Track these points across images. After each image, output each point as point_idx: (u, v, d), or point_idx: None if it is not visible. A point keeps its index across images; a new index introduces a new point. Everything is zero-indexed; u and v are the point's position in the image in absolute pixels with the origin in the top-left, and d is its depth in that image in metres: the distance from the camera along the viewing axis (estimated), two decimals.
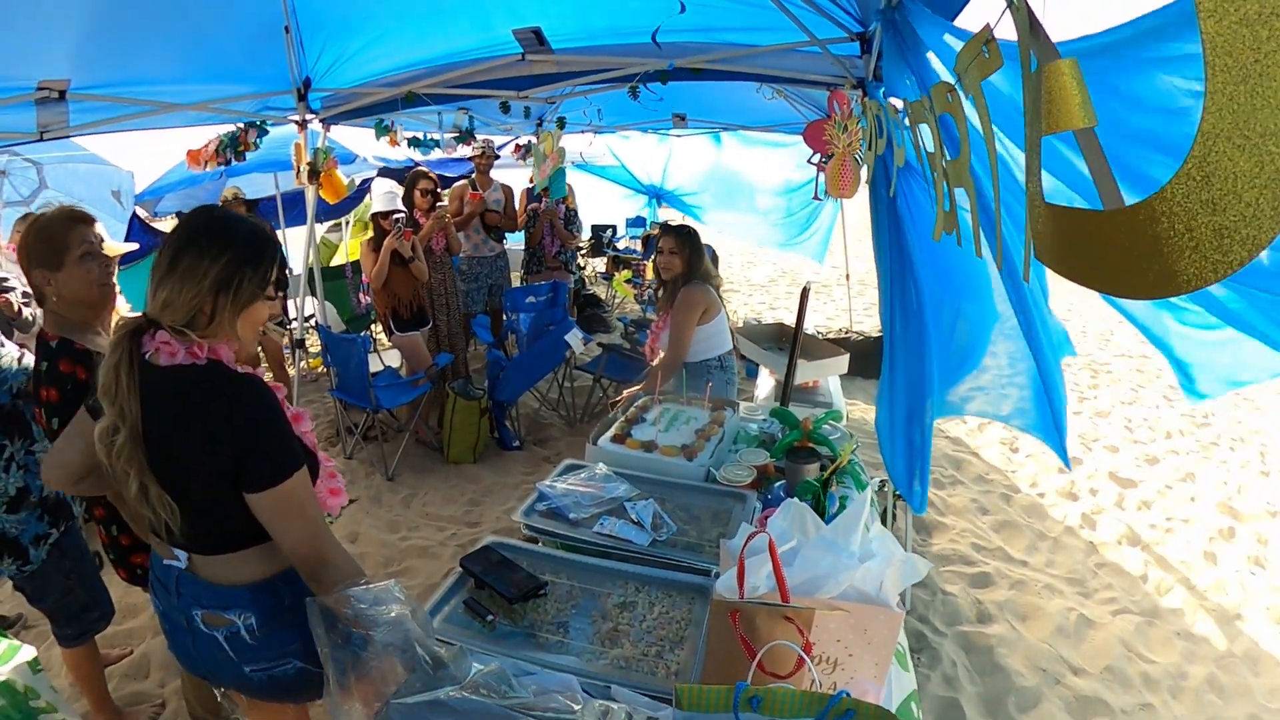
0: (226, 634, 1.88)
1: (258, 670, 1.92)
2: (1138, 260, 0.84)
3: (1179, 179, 0.74)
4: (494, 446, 6.12)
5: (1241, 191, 0.68)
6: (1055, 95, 0.97)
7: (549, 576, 2.19)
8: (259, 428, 1.73)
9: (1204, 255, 0.73)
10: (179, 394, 1.72)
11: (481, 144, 7.31)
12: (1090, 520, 5.06)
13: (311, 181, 5.38)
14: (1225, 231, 0.70)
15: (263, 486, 1.71)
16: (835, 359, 4.47)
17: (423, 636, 1.58)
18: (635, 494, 2.60)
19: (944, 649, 3.63)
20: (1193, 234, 0.74)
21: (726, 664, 1.48)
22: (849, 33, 3.47)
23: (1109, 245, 0.91)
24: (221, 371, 1.75)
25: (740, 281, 13.96)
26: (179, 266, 1.72)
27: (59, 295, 2.31)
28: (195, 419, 1.71)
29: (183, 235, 1.76)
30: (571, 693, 1.58)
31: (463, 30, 4.52)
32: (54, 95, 3.86)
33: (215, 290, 1.73)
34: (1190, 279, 0.75)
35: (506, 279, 7.62)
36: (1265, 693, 3.47)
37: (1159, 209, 0.78)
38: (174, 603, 1.94)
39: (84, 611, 2.88)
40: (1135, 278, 0.85)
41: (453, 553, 4.48)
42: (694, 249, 4.05)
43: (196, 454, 1.71)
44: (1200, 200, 0.72)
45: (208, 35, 4.22)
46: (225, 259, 1.73)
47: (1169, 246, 0.77)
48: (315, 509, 1.80)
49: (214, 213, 1.84)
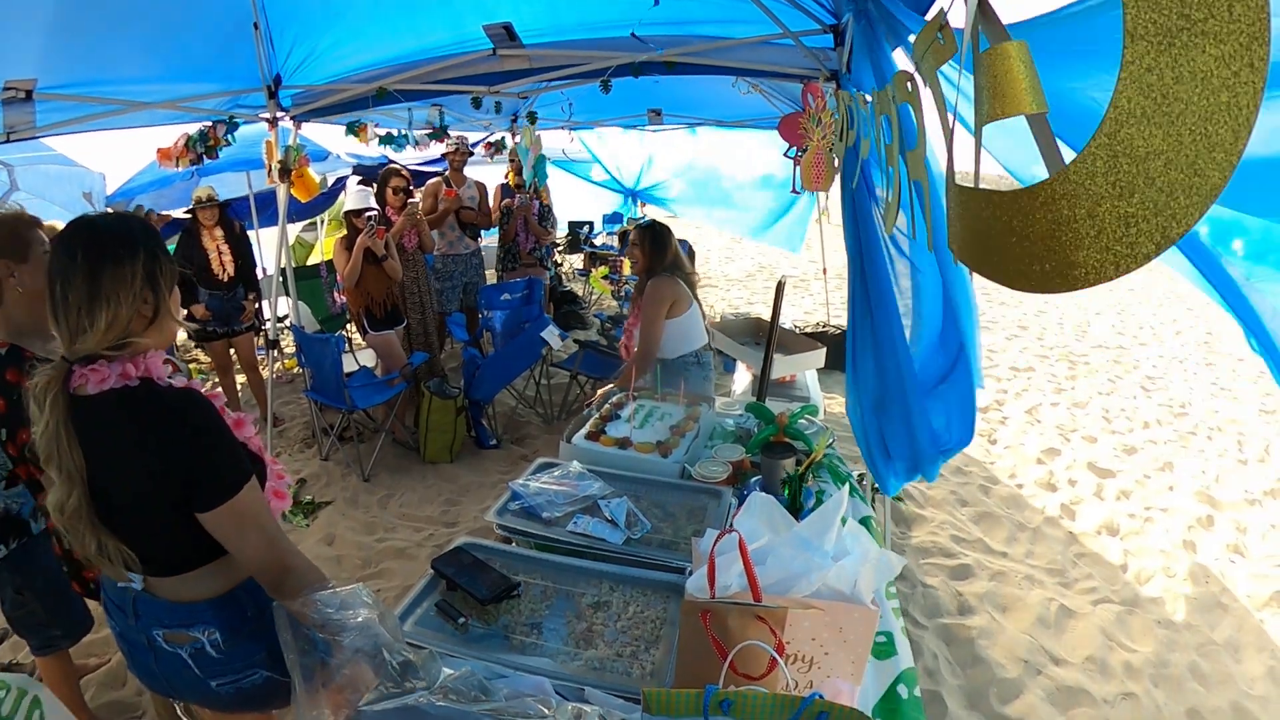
0: (191, 650, 1.83)
1: (224, 684, 1.87)
2: (1034, 248, 0.78)
3: (1084, 158, 0.68)
4: (471, 445, 6.07)
5: (1154, 175, 0.62)
6: (1001, 79, 0.90)
7: (522, 577, 2.16)
8: (204, 446, 1.67)
9: (1106, 246, 0.67)
10: (114, 424, 1.66)
11: (455, 141, 7.25)
12: (1069, 510, 5.07)
13: (283, 180, 5.32)
14: (1132, 220, 0.64)
15: (216, 503, 1.66)
16: (812, 353, 4.47)
17: (390, 641, 1.55)
18: (609, 492, 2.57)
19: (925, 641, 3.62)
20: (1095, 220, 0.68)
21: (699, 665, 1.46)
22: (822, 24, 3.46)
23: (1007, 231, 0.84)
24: (155, 391, 1.67)
25: (718, 276, 13.95)
26: (102, 283, 1.62)
27: (22, 287, 2.27)
28: (137, 450, 1.65)
29: (88, 255, 1.63)
30: (544, 696, 1.55)
31: (434, 26, 4.49)
32: (20, 95, 3.80)
33: (150, 285, 1.68)
34: (1088, 273, 0.69)
35: (482, 276, 7.57)
36: (1247, 680, 3.47)
37: (1059, 191, 0.71)
38: (132, 624, 1.87)
39: (43, 627, 2.78)
40: (1030, 267, 0.79)
41: (430, 553, 4.44)
42: (654, 242, 4.05)
43: (145, 484, 1.66)
44: (1106, 184, 0.66)
45: (176, 33, 4.17)
46: (140, 251, 1.66)
47: (1068, 234, 0.71)
48: (269, 518, 1.75)
49: (82, 225, 1.69)
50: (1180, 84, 0.60)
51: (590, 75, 4.64)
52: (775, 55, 4.18)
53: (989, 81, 0.93)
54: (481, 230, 7.58)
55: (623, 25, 4.19)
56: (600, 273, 10.31)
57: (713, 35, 4.28)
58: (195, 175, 7.51)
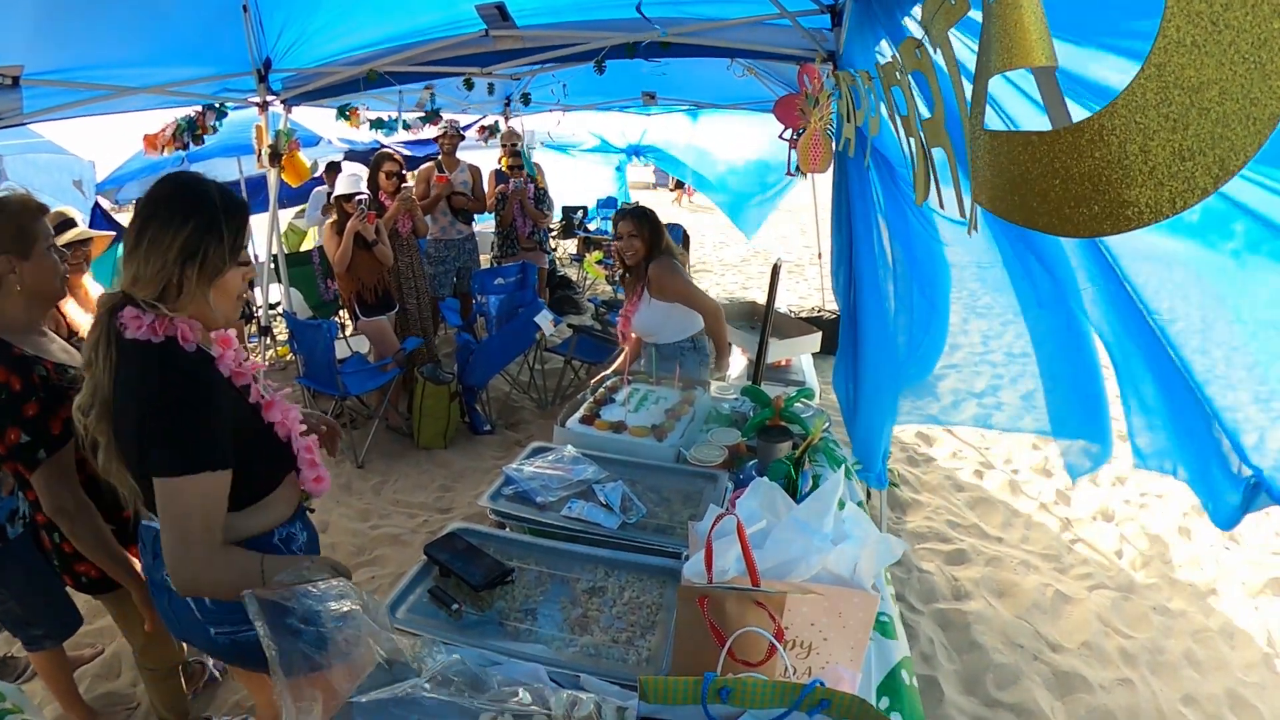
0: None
1: (222, 633, 1.90)
2: (1080, 189, 0.73)
3: (1132, 91, 0.64)
4: (465, 431, 6.05)
5: (1208, 106, 0.58)
6: (1011, 28, 0.87)
7: (516, 562, 2.13)
8: (167, 413, 1.66)
9: (1160, 182, 0.63)
10: (130, 368, 1.68)
11: (446, 124, 7.20)
12: (1065, 496, 5.05)
13: (273, 164, 5.29)
14: (1187, 154, 0.60)
15: (155, 472, 1.65)
16: (807, 337, 4.44)
17: (377, 630, 1.52)
18: (604, 476, 2.54)
19: (921, 627, 3.61)
20: (1148, 157, 0.64)
21: (696, 652, 1.43)
22: (819, 5, 3.42)
23: (1048, 173, 0.80)
24: (169, 350, 1.69)
25: (713, 261, 13.92)
26: (144, 239, 1.69)
27: (22, 284, 2.19)
28: (133, 396, 1.67)
29: (146, 206, 1.72)
30: (539, 683, 1.53)
31: (425, 6, 4.44)
32: (6, 82, 3.77)
33: (181, 261, 1.69)
34: (1141, 211, 0.66)
35: (475, 262, 7.53)
36: (1242, 666, 3.47)
37: (1107, 127, 0.67)
38: (151, 562, 1.93)
39: (25, 626, 2.75)
40: (1076, 210, 0.75)
41: (424, 540, 4.38)
42: (653, 228, 3.99)
43: (134, 431, 1.67)
44: (1159, 116, 0.62)
45: (164, 16, 4.13)
46: (189, 228, 1.69)
47: (1117, 172, 0.67)
48: (197, 524, 1.67)
49: (179, 179, 1.77)
50: (1230, 10, 0.56)
51: (584, 57, 4.60)
52: (771, 36, 4.15)
53: (999, 31, 0.89)
54: (474, 215, 7.54)
55: (616, 5, 4.14)
56: (594, 257, 10.29)
57: (709, 16, 4.24)
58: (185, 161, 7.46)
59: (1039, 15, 0.86)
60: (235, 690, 3.27)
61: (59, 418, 2.17)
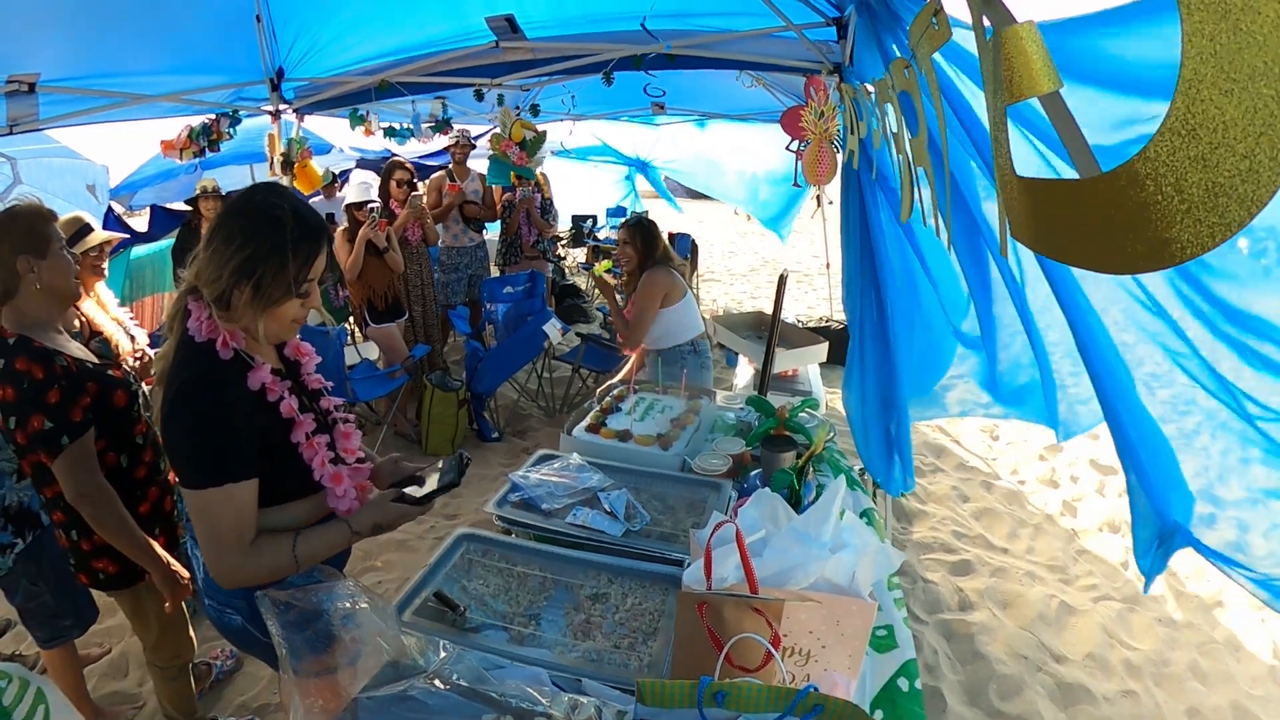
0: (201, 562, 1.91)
1: (212, 606, 1.93)
2: (1123, 230, 0.76)
3: (1163, 135, 0.67)
4: (472, 438, 6.07)
5: (1234, 143, 0.61)
6: (1015, 62, 0.91)
7: (521, 568, 2.16)
8: (183, 424, 1.66)
9: (1198, 219, 0.66)
10: (182, 351, 1.72)
11: (457, 133, 7.24)
12: (1071, 507, 5.05)
13: (285, 173, 5.33)
14: (1220, 189, 0.63)
15: (182, 485, 1.68)
16: (814, 347, 4.46)
17: (384, 629, 1.54)
18: (609, 484, 2.56)
19: (925, 637, 3.61)
20: (1184, 195, 0.67)
21: (695, 657, 1.45)
22: (825, 17, 3.45)
23: (1089, 216, 0.83)
24: (203, 353, 1.69)
25: (721, 271, 13.94)
26: (211, 245, 1.69)
27: (40, 283, 2.27)
28: (172, 383, 1.69)
29: (225, 212, 1.73)
30: (541, 686, 1.55)
31: (436, 18, 4.49)
32: (23, 88, 3.83)
33: (235, 280, 1.68)
34: (1186, 246, 0.68)
35: (487, 269, 7.55)
36: (1248, 679, 3.46)
37: (1143, 171, 0.71)
38: (186, 524, 2.02)
39: (54, 618, 2.81)
40: (1123, 250, 0.77)
41: (431, 546, 4.44)
42: (644, 238, 4.15)
43: (168, 411, 1.68)
44: (1188, 156, 0.65)
45: (178, 25, 4.18)
46: (248, 252, 1.66)
47: (1158, 212, 0.70)
48: (233, 529, 1.68)
49: (258, 195, 1.74)
50: (1245, 51, 0.60)
51: (593, 68, 4.64)
52: (778, 48, 4.18)
53: (1005, 66, 0.92)
54: (485, 224, 7.57)
55: (625, 18, 4.19)
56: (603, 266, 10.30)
57: (716, 29, 4.27)
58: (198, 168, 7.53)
59: (1039, 42, 0.89)
60: (241, 690, 3.30)
61: (79, 405, 2.24)
